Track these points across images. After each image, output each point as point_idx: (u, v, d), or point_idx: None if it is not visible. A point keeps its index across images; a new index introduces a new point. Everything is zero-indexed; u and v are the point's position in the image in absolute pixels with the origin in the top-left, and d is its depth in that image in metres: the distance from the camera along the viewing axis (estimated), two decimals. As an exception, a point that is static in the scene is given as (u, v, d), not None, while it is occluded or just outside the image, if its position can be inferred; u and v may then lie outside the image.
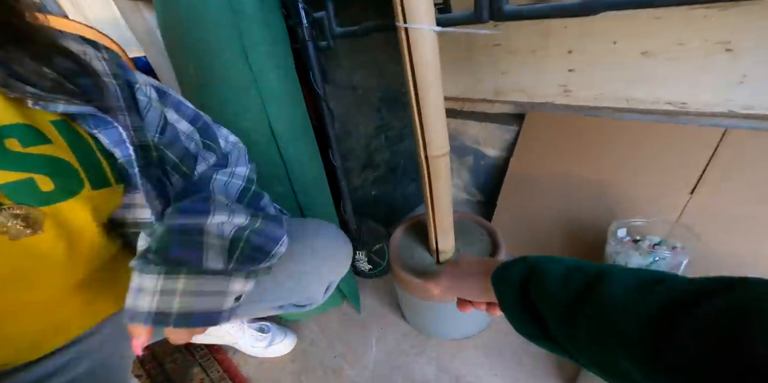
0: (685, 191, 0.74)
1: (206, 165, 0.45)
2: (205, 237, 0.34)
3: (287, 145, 0.64)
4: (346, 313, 0.96)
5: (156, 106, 0.40)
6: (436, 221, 0.65)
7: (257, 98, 0.58)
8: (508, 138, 1.07)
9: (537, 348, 0.78)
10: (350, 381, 0.79)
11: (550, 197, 0.94)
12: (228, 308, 0.35)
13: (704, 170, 0.72)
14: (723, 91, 0.71)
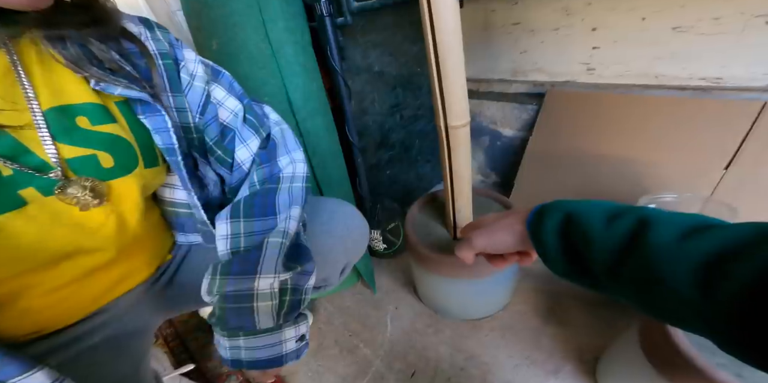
0: (720, 165, 0.71)
1: (249, 152, 0.42)
2: (255, 303, 0.35)
3: (305, 118, 0.64)
4: (362, 293, 0.96)
5: (198, 84, 0.39)
6: (455, 195, 0.64)
7: (276, 72, 0.58)
8: (526, 118, 1.04)
9: (556, 330, 0.77)
10: (365, 359, 0.79)
11: (571, 175, 0.92)
12: (290, 350, 0.37)
13: (741, 143, 0.69)
14: (762, 65, 0.68)
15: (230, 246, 0.37)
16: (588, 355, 0.70)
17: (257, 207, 0.39)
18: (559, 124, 0.94)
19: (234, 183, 0.43)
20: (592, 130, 0.88)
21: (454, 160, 0.60)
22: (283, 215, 0.40)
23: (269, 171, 0.42)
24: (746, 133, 0.68)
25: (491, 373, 0.71)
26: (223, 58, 0.58)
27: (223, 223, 0.38)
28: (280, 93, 0.60)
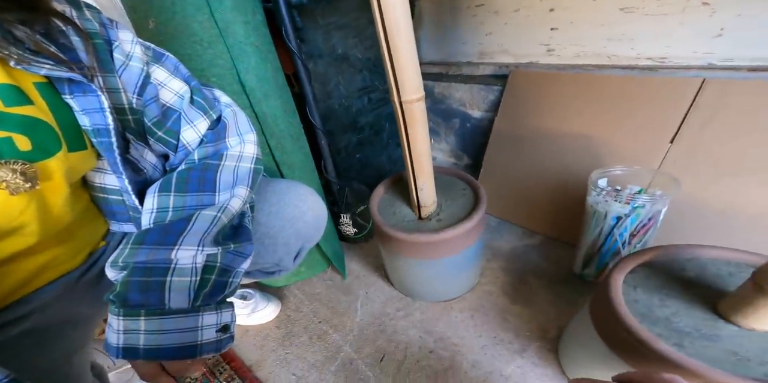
0: (666, 140, 0.75)
1: (196, 133, 0.40)
2: (169, 278, 0.31)
3: (259, 100, 0.61)
4: (332, 278, 0.94)
5: (135, 64, 0.37)
6: (416, 172, 0.63)
7: (225, 52, 0.55)
8: (492, 98, 1.06)
9: (522, 310, 0.78)
10: (335, 345, 0.78)
11: (534, 153, 0.95)
12: (208, 340, 0.32)
13: (684, 119, 0.73)
14: (701, 44, 0.71)
15: (154, 220, 0.34)
16: (551, 333, 0.72)
17: (193, 182, 0.36)
18: (522, 104, 0.97)
19: (176, 163, 0.41)
20: (553, 108, 0.91)
21: (412, 135, 0.58)
22: (225, 193, 0.37)
23: (214, 150, 0.40)
24: (688, 109, 0.72)
25: (460, 354, 0.71)
26: (162, 38, 0.54)
27: (150, 197, 0.35)
28: (231, 74, 0.57)
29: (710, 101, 0.70)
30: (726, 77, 0.70)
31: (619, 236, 0.65)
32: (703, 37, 0.70)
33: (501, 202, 1.04)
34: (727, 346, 0.39)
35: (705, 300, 0.44)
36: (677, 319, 0.42)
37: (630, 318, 0.42)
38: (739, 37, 0.67)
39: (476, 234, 0.69)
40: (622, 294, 0.46)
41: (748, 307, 0.38)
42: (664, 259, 0.51)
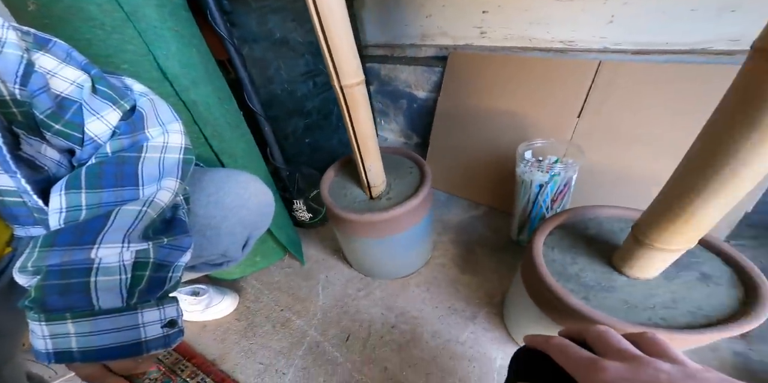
0: (574, 115, 0.85)
1: (106, 125, 0.36)
2: (93, 278, 0.29)
3: (187, 88, 0.57)
4: (290, 266, 0.94)
5: (10, 52, 0.31)
6: (363, 154, 0.64)
7: (135, 37, 0.50)
8: (435, 79, 1.12)
9: (470, 279, 0.84)
10: (299, 330, 0.80)
11: (474, 130, 1.03)
12: (153, 336, 0.31)
13: (586, 96, 0.83)
14: (598, 29, 0.81)
15: (65, 220, 0.31)
16: (496, 298, 0.79)
17: (108, 177, 0.34)
18: (461, 84, 1.03)
19: (85, 158, 0.37)
20: (488, 88, 0.98)
21: (355, 119, 0.59)
22: (151, 186, 0.35)
23: (130, 142, 0.37)
24: (589, 87, 0.83)
25: (420, 326, 0.76)
26: (48, 21, 0.48)
27: (56, 196, 0.32)
28: (147, 61, 0.52)
29: (605, 80, 0.80)
30: (617, 60, 0.80)
31: (543, 202, 0.73)
32: (599, 22, 0.80)
33: (448, 178, 1.10)
34: (620, 296, 0.45)
35: (603, 254, 0.51)
36: (584, 274, 0.49)
37: (549, 277, 0.48)
38: (626, 24, 0.77)
39: (424, 209, 0.72)
40: (542, 256, 0.52)
41: (631, 258, 0.44)
42: (573, 220, 0.58)
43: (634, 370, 0.18)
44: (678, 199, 0.34)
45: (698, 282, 0.45)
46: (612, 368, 0.19)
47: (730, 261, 0.46)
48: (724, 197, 0.31)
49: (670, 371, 0.18)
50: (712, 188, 0.31)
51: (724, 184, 0.30)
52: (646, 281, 0.46)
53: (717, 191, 0.31)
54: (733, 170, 0.29)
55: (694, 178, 0.32)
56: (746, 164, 0.28)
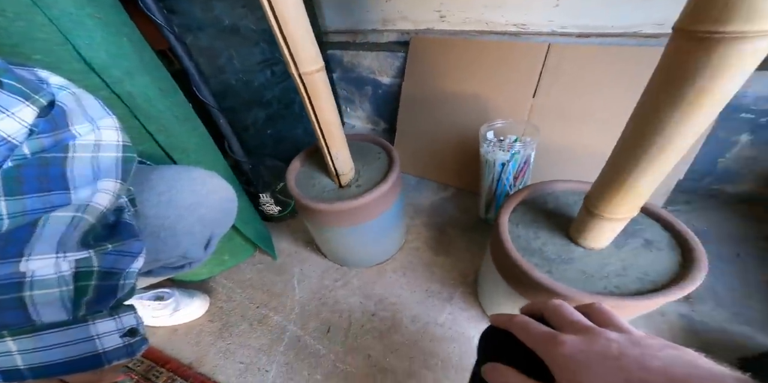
0: (529, 96, 0.89)
1: (19, 123, 0.31)
2: (27, 292, 0.26)
3: (120, 80, 0.52)
4: (262, 261, 0.92)
5: None
6: (328, 142, 0.62)
7: (47, 25, 0.45)
8: (398, 65, 1.12)
9: (444, 260, 0.86)
10: (278, 326, 0.78)
11: (439, 113, 1.04)
12: (112, 347, 0.29)
13: (539, 78, 0.86)
14: (547, 13, 0.84)
15: None
16: (470, 277, 0.82)
17: (30, 181, 0.30)
18: (423, 68, 1.03)
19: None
20: (450, 72, 0.99)
21: (317, 107, 0.57)
22: (85, 189, 0.32)
23: (52, 141, 0.33)
24: (541, 69, 0.86)
25: (399, 312, 0.77)
26: None
27: None
28: (64, 51, 0.47)
29: (554, 62, 0.84)
30: (564, 42, 0.84)
31: (506, 180, 0.75)
32: (547, 6, 0.82)
33: (417, 161, 1.11)
34: (578, 266, 0.48)
35: (562, 227, 0.53)
36: (546, 248, 0.51)
37: (515, 253, 0.49)
38: (570, 7, 0.80)
39: (394, 194, 0.72)
40: (508, 233, 0.53)
41: (584, 230, 0.47)
42: (533, 196, 0.60)
43: (588, 341, 0.20)
44: (617, 173, 0.36)
45: (643, 249, 0.48)
46: (569, 341, 0.20)
47: (668, 226, 0.50)
48: (653, 171, 0.33)
49: (619, 340, 0.20)
50: (643, 163, 0.33)
51: (653, 159, 0.32)
52: (600, 251, 0.49)
53: (647, 166, 0.33)
54: (660, 148, 0.31)
55: (628, 155, 0.34)
56: (671, 141, 0.30)
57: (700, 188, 0.89)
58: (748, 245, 0.77)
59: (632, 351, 0.19)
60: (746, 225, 0.81)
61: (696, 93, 0.26)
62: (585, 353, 0.19)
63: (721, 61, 0.24)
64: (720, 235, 0.80)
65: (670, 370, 0.17)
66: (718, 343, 0.62)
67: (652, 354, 0.18)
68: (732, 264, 0.74)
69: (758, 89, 0.69)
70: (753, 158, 0.78)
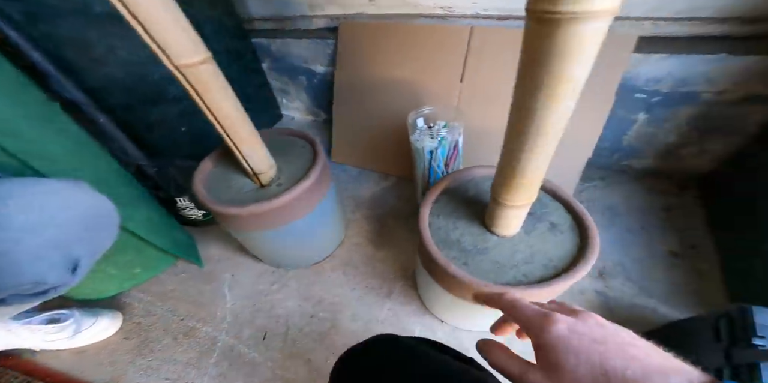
0: (457, 80, 0.87)
1: None
2: None
3: None
4: (185, 270, 0.85)
5: None
6: (234, 139, 0.56)
7: None
8: (330, 52, 1.05)
9: (386, 254, 0.84)
10: (208, 337, 0.73)
11: (373, 101, 0.99)
12: None
13: (465, 61, 0.84)
14: None
15: None
16: (410, 270, 0.80)
17: None
18: (354, 55, 0.98)
19: None
20: (379, 57, 0.94)
21: (210, 102, 0.50)
22: None
23: None
24: (466, 53, 0.84)
25: (340, 311, 0.74)
26: None
27: None
28: None
29: (478, 46, 0.82)
30: (486, 25, 0.83)
31: (438, 168, 0.73)
32: None
33: (357, 152, 1.07)
34: (492, 257, 0.47)
35: (478, 215, 0.52)
36: (464, 239, 0.50)
37: (432, 247, 0.48)
38: None
39: (322, 190, 0.68)
40: (428, 226, 0.51)
41: (493, 218, 0.46)
42: (455, 184, 0.58)
43: (582, 323, 0.20)
44: (509, 158, 0.35)
45: (549, 233, 0.48)
46: (564, 320, 0.20)
47: (569, 208, 0.50)
48: (539, 153, 0.32)
49: (606, 324, 0.21)
50: (527, 146, 0.31)
51: (535, 142, 0.31)
52: (511, 238, 0.48)
53: (532, 149, 0.31)
54: (538, 128, 0.29)
55: (514, 138, 0.32)
56: (544, 121, 0.28)
57: (612, 164, 0.93)
58: (652, 217, 0.83)
59: (615, 339, 0.19)
60: (651, 198, 0.87)
61: (549, 77, 0.25)
62: (578, 335, 0.19)
63: (564, 42, 0.23)
64: (629, 208, 0.85)
65: (646, 360, 0.17)
66: (629, 319, 0.66)
67: (632, 342, 0.19)
68: (638, 237, 0.79)
69: (647, 71, 0.71)
70: (652, 134, 0.83)
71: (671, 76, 0.70)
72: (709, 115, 0.73)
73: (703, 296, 0.66)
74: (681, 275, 0.70)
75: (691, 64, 0.66)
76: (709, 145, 0.78)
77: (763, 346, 0.40)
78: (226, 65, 1.00)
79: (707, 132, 0.76)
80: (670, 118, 0.77)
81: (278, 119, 1.34)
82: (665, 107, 0.75)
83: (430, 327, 0.69)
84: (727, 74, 0.65)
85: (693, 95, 0.71)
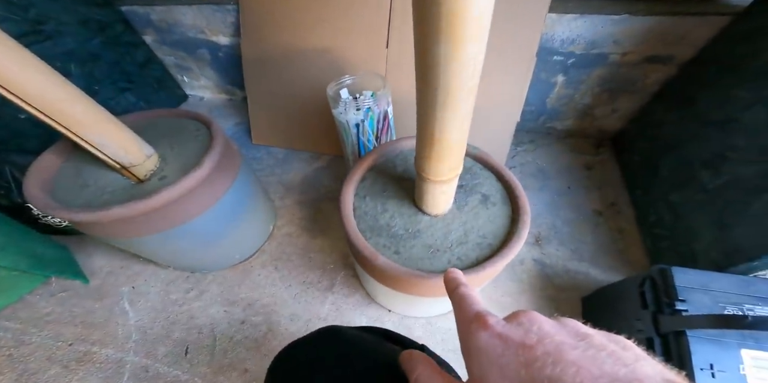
0: (383, 45, 0.76)
1: None
2: None
3: None
4: (64, 289, 0.69)
5: None
6: (65, 124, 0.41)
7: None
8: (232, 20, 0.89)
9: (322, 242, 0.75)
10: (111, 361, 0.61)
11: (290, 73, 0.86)
12: None
13: (389, 25, 0.74)
14: None
15: None
16: (351, 258, 0.73)
17: None
18: (261, 21, 0.83)
19: None
20: (291, 23, 0.80)
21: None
22: None
23: None
24: (389, 13, 0.74)
25: (275, 313, 0.66)
26: None
27: None
28: None
29: (401, 4, 0.72)
30: None
31: (368, 142, 0.66)
32: None
33: (279, 131, 0.94)
34: (425, 240, 0.42)
35: (408, 193, 0.46)
36: (394, 223, 0.44)
37: (358, 237, 0.41)
38: None
39: (226, 179, 0.56)
40: (351, 212, 0.44)
41: (422, 195, 0.40)
42: (382, 160, 0.51)
43: (516, 327, 0.16)
44: (425, 128, 0.29)
45: (481, 206, 0.44)
46: (495, 325, 0.16)
47: (500, 177, 0.47)
48: (451, 116, 0.26)
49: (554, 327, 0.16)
50: (438, 110, 0.25)
51: (444, 104, 0.25)
52: (443, 217, 0.43)
53: (443, 112, 0.25)
54: (445, 92, 0.24)
55: (424, 103, 0.26)
56: (450, 82, 0.23)
57: (539, 127, 0.95)
58: (576, 176, 0.86)
59: (554, 340, 0.14)
60: (573, 158, 0.90)
61: (446, 17, 0.19)
62: (504, 339, 0.15)
63: None
64: (557, 169, 0.87)
65: (591, 368, 0.13)
66: (566, 285, 0.67)
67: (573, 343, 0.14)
68: (566, 197, 0.81)
69: (561, 32, 0.71)
70: (569, 96, 0.85)
71: (583, 37, 0.71)
72: (617, 76, 0.76)
73: (627, 255, 0.70)
74: (606, 234, 0.73)
75: (599, 24, 0.68)
76: (618, 104, 0.83)
77: (686, 311, 0.39)
78: (85, 39, 0.79)
79: (615, 92, 0.80)
80: (585, 79, 0.79)
81: (182, 100, 1.13)
82: (580, 68, 0.77)
83: (377, 317, 0.65)
84: (630, 36, 0.68)
85: (603, 57, 0.73)
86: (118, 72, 0.88)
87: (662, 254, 0.64)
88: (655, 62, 0.72)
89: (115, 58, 0.88)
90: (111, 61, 0.86)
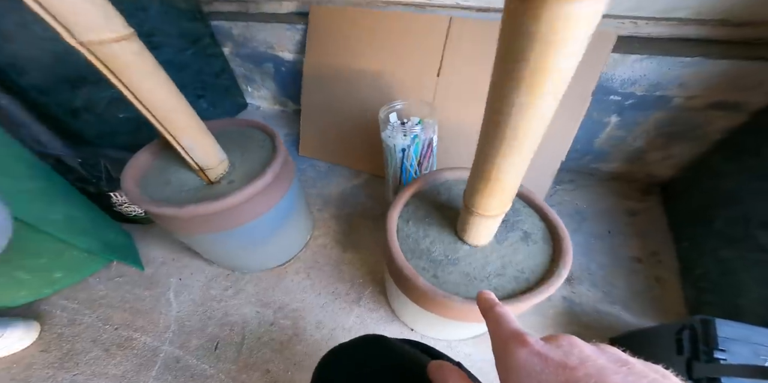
0: (434, 74, 0.81)
1: None
2: None
3: None
4: (122, 274, 0.75)
5: None
6: (170, 130, 0.48)
7: None
8: (299, 39, 0.99)
9: (353, 256, 0.78)
10: (147, 348, 0.65)
11: (344, 92, 0.93)
12: None
13: (443, 54, 0.79)
14: None
15: None
16: (379, 274, 0.75)
17: None
18: (325, 42, 0.91)
19: None
20: (351, 46, 0.88)
21: (132, 85, 0.43)
22: None
23: None
24: (444, 44, 0.79)
25: (302, 318, 0.68)
26: None
27: None
28: None
29: (456, 37, 0.77)
30: (465, 16, 0.79)
31: (411, 167, 0.69)
32: None
33: (326, 146, 1.00)
34: (463, 268, 0.44)
35: (451, 222, 0.48)
36: (434, 248, 0.46)
37: (400, 257, 0.43)
38: None
39: (282, 188, 0.61)
40: (395, 234, 0.46)
41: (465, 227, 0.42)
42: (427, 187, 0.54)
43: (554, 348, 0.16)
44: (483, 165, 0.31)
45: (521, 242, 0.45)
46: (534, 344, 0.17)
47: (543, 216, 0.47)
48: (517, 158, 0.28)
49: (593, 351, 0.17)
50: (502, 151, 0.28)
51: (510, 147, 0.27)
52: (482, 248, 0.45)
53: (507, 154, 0.28)
54: (514, 132, 0.25)
55: (488, 143, 0.28)
56: (520, 127, 0.25)
57: (582, 167, 0.94)
58: (617, 221, 0.84)
59: (596, 363, 0.15)
60: (615, 202, 0.88)
61: (531, 71, 0.21)
62: (543, 358, 0.16)
63: (551, 25, 0.19)
64: (596, 212, 0.86)
65: None
66: (593, 324, 0.65)
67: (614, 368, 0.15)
68: (604, 241, 0.79)
69: (623, 72, 0.71)
70: (621, 138, 0.83)
71: (646, 78, 0.69)
72: (678, 120, 0.74)
73: (663, 303, 0.67)
74: (642, 281, 0.71)
75: (667, 66, 0.66)
76: (673, 150, 0.80)
77: (725, 360, 0.39)
78: (180, 50, 0.91)
79: (673, 137, 0.77)
80: (641, 122, 0.77)
81: (242, 108, 1.24)
82: (637, 110, 0.75)
83: (398, 334, 0.66)
84: (699, 79, 0.66)
85: (665, 99, 0.71)
86: (198, 80, 1.00)
87: (703, 306, 0.61)
88: (723, 109, 0.68)
89: (199, 67, 1.00)
90: (195, 70, 0.98)
